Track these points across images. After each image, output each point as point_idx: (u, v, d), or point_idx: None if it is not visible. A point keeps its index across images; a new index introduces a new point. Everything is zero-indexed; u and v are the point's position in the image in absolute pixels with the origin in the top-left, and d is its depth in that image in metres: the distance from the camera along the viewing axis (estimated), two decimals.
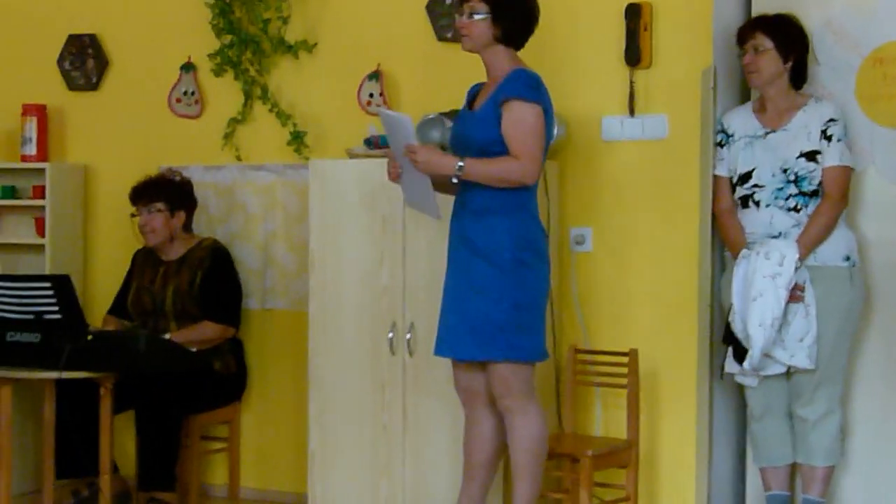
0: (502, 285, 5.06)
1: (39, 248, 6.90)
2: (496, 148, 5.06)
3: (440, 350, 5.27)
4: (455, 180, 5.06)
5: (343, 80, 6.41)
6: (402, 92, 6.32)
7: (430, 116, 5.78)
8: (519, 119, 5.04)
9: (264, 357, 6.65)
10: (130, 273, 6.63)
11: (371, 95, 6.33)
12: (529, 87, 5.08)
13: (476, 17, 5.13)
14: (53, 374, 5.83)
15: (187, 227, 6.54)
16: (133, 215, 6.49)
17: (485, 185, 5.05)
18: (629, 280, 5.90)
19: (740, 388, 5.62)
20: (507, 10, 5.13)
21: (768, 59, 5.45)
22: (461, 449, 5.53)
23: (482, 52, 5.19)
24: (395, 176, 5.27)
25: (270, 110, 6.56)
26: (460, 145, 5.16)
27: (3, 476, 5.96)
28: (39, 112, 6.97)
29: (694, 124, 5.74)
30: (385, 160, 5.80)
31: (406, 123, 5.12)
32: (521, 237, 5.10)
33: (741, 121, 5.57)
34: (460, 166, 5.03)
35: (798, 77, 5.53)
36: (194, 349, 6.21)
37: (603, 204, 5.93)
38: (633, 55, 5.80)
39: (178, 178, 6.55)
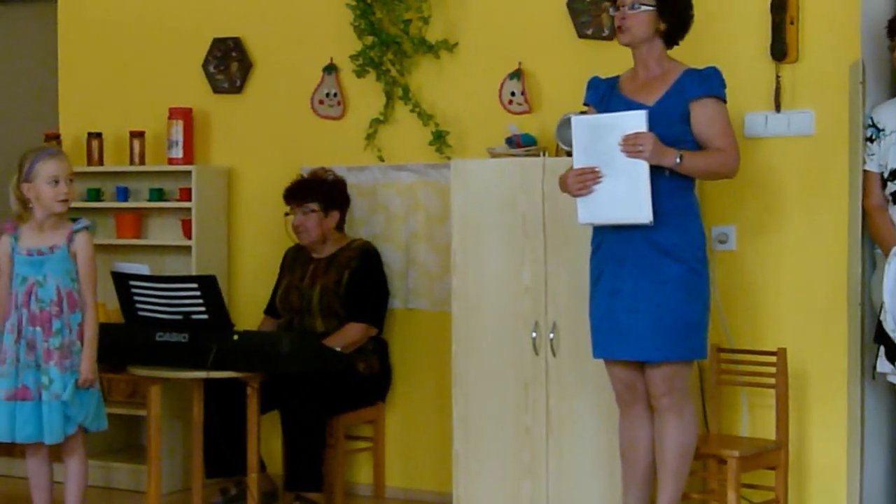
0: (696, 285, 5.07)
1: (186, 250, 6.97)
2: (682, 145, 5.04)
3: (619, 353, 5.16)
4: (668, 174, 5.00)
5: (484, 80, 6.39)
6: (543, 90, 6.27)
7: (572, 115, 5.70)
8: (718, 115, 5.08)
9: (408, 357, 6.64)
10: (281, 272, 6.66)
11: (512, 94, 6.28)
12: (723, 85, 5.11)
13: (643, 8, 5.07)
14: (201, 374, 5.90)
15: (340, 226, 6.56)
16: (287, 214, 6.52)
17: (672, 184, 5.02)
18: (775, 279, 5.79)
19: (893, 388, 5.49)
20: (674, 5, 5.10)
21: None
22: (606, 450, 5.56)
23: (640, 46, 5.14)
24: (589, 186, 5.08)
25: (412, 110, 6.55)
26: None
27: (154, 474, 6.05)
28: (185, 115, 7.03)
29: (842, 120, 5.61)
30: (526, 159, 5.86)
31: (640, 118, 4.98)
32: (703, 237, 5.15)
33: (892, 115, 5.43)
34: (681, 156, 4.99)
35: None
36: (338, 349, 6.21)
37: (747, 202, 5.83)
38: (779, 49, 5.67)
39: (331, 178, 6.56)
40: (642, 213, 5.01)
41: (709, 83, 5.07)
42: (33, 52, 7.84)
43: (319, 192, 6.47)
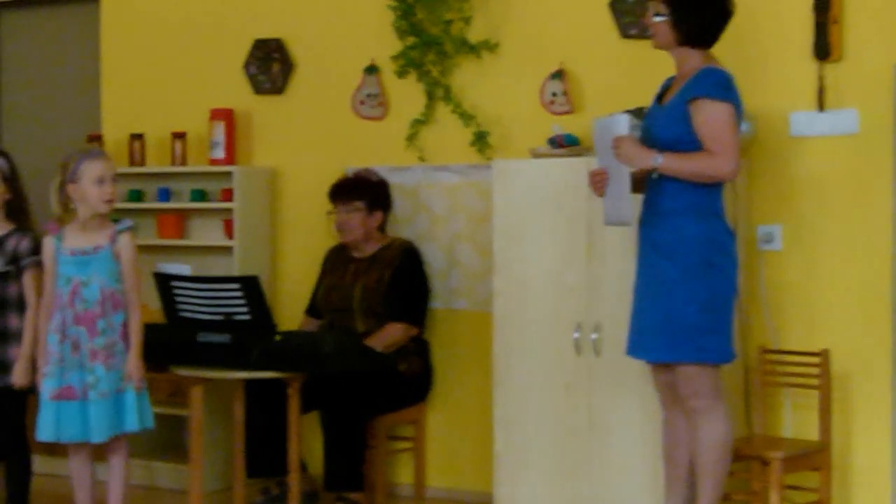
0: (691, 287, 5.01)
1: (228, 250, 6.96)
2: (683, 146, 5.01)
3: (632, 351, 5.23)
4: (655, 175, 5.01)
5: (526, 80, 6.36)
6: (585, 91, 6.24)
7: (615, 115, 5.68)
8: (710, 117, 4.98)
9: (449, 357, 6.62)
10: (323, 272, 6.65)
11: (554, 95, 6.26)
12: (719, 85, 5.02)
13: (657, 18, 5.10)
14: (243, 374, 5.87)
15: (382, 227, 6.55)
16: (330, 213, 6.51)
17: (673, 185, 5.00)
18: (820, 279, 5.74)
19: None
20: (688, 14, 5.07)
21: None
22: (649, 451, 5.53)
23: (671, 50, 5.16)
24: (602, 188, 5.17)
25: (453, 111, 6.52)
26: (647, 141, 5.09)
27: (196, 473, 6.04)
28: (227, 116, 7.03)
29: (887, 119, 5.56)
30: (569, 159, 5.86)
31: (621, 121, 5.08)
32: (709, 239, 5.04)
33: None
34: (657, 159, 4.98)
35: None
36: (380, 349, 6.20)
37: (792, 201, 5.79)
38: (823, 49, 5.63)
39: (375, 179, 6.55)
40: (624, 214, 5.09)
41: (700, 85, 5.02)
42: (76, 54, 7.85)
43: (365, 191, 6.47)
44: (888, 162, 5.56)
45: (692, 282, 5.00)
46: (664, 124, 5.07)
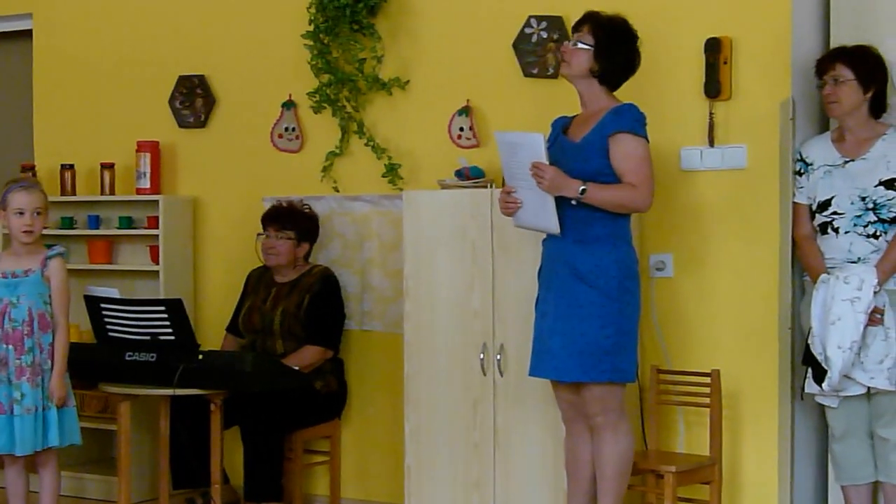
0: (609, 311, 4.86)
1: (154, 274, 6.80)
2: (602, 178, 4.86)
3: (541, 372, 5.02)
4: (574, 202, 4.84)
5: (434, 115, 6.18)
6: (490, 126, 6.04)
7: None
8: (632, 151, 4.85)
9: (363, 376, 6.44)
10: (245, 292, 6.49)
11: (461, 129, 6.08)
12: (638, 122, 4.89)
13: (580, 45, 4.92)
14: (167, 392, 5.74)
15: (306, 257, 6.39)
16: (260, 234, 6.32)
17: (594, 215, 4.84)
18: (710, 304, 5.57)
19: (821, 408, 5.30)
20: (611, 50, 4.93)
21: (849, 90, 5.11)
22: (549, 465, 5.41)
23: (577, 82, 4.99)
24: (512, 209, 5.00)
25: (366, 144, 6.34)
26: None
27: (124, 485, 5.90)
28: (153, 148, 6.85)
29: (773, 154, 5.41)
30: (474, 190, 5.72)
31: (538, 141, 4.88)
32: (625, 266, 4.91)
33: (820, 150, 5.24)
34: (583, 189, 4.80)
35: (877, 107, 5.18)
36: (297, 369, 6.02)
37: (683, 231, 5.61)
38: (713, 88, 5.45)
39: (307, 211, 6.38)
40: (551, 224, 4.90)
41: (622, 119, 4.88)
42: (9, 88, 7.64)
43: (297, 222, 6.30)
44: (774, 195, 5.41)
45: (610, 306, 4.86)
46: (585, 157, 4.88)
